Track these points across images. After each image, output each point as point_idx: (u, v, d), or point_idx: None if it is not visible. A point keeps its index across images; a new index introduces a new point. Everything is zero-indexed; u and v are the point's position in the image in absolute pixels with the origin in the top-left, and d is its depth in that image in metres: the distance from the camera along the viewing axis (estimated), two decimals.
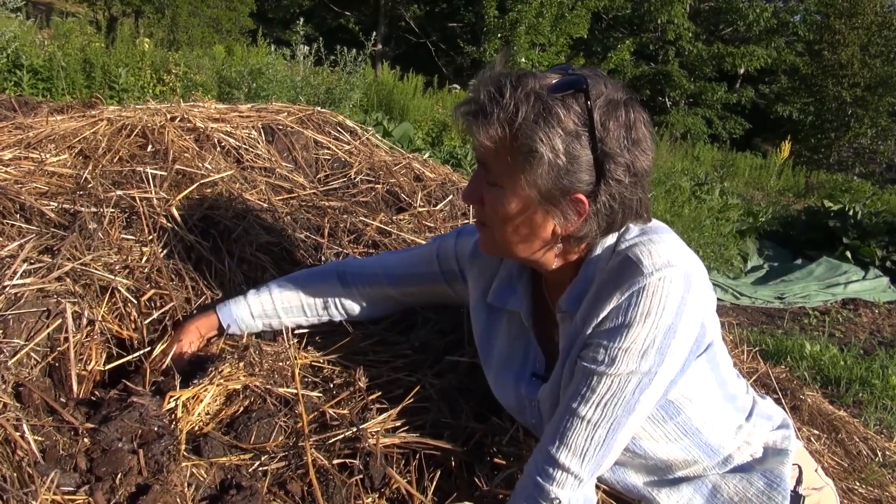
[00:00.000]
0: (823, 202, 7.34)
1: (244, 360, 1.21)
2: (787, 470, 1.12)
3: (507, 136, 0.94)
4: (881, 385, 3.30)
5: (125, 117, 1.78)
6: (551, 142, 0.92)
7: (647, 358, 0.96)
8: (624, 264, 0.97)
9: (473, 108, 0.95)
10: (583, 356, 1.00)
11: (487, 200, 1.02)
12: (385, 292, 1.39)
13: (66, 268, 1.29)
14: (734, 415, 1.13)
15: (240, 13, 15.67)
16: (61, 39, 7.03)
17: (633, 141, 0.96)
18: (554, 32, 15.74)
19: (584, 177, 0.95)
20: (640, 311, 0.94)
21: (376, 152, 2.16)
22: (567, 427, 0.99)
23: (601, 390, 0.97)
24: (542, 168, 0.93)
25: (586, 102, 0.92)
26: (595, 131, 0.93)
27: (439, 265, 1.34)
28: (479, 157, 1.01)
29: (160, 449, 1.03)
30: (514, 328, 1.19)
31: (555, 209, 0.98)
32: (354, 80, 7.47)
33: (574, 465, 0.99)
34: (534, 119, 0.92)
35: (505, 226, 1.02)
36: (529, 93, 0.93)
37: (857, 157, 16.81)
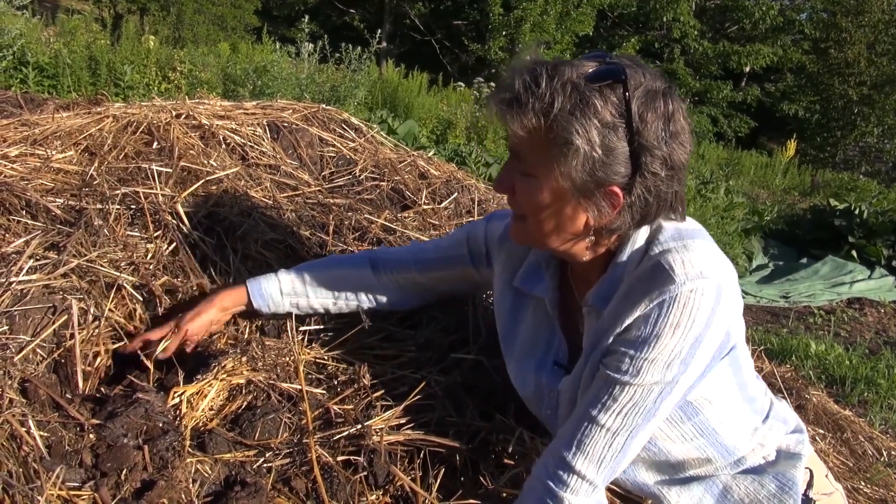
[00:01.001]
0: (829, 201, 7.31)
1: (247, 355, 1.22)
2: (800, 474, 1.12)
3: (542, 127, 0.92)
4: (886, 385, 3.29)
5: (131, 114, 1.78)
6: (587, 134, 0.90)
7: (671, 368, 0.94)
8: (656, 270, 0.95)
9: (508, 96, 0.93)
10: (606, 363, 0.99)
11: (520, 190, 1.00)
12: (413, 278, 1.38)
13: (71, 264, 1.29)
14: (751, 416, 1.12)
15: (245, 10, 15.67)
16: (67, 37, 7.05)
17: (671, 133, 0.94)
18: (559, 30, 15.71)
19: (620, 169, 0.93)
20: (669, 323, 0.92)
21: (381, 150, 2.16)
22: (585, 434, 0.98)
23: (623, 399, 0.96)
24: (577, 160, 0.92)
25: (624, 93, 0.90)
26: (632, 123, 0.91)
27: (468, 248, 1.32)
28: (511, 146, 1.00)
29: (165, 445, 1.03)
30: (539, 315, 1.18)
31: (588, 201, 0.96)
32: (359, 77, 7.47)
33: (590, 472, 0.98)
34: (570, 110, 0.90)
35: (538, 216, 1.00)
36: (566, 83, 0.91)
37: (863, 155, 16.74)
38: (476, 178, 2.39)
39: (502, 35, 15.41)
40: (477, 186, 2.25)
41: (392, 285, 1.39)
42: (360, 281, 1.38)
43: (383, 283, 1.38)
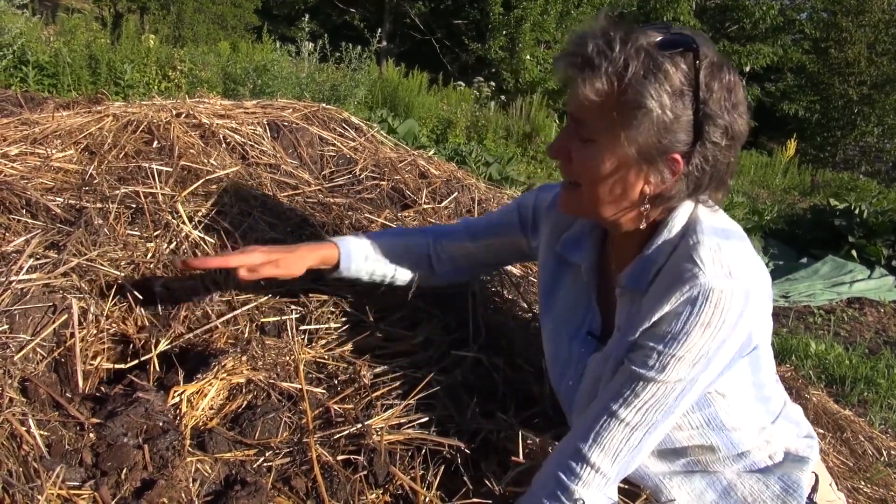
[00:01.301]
0: (829, 201, 7.31)
1: (247, 354, 1.22)
2: (806, 478, 1.12)
3: (614, 90, 0.92)
4: (886, 384, 3.29)
5: (131, 113, 1.78)
6: (660, 98, 0.91)
7: (695, 367, 0.95)
8: (687, 264, 0.95)
9: (580, 60, 0.93)
10: (632, 358, 0.99)
11: (577, 157, 1.00)
12: (466, 248, 1.39)
13: (71, 263, 1.29)
14: (762, 416, 1.13)
15: (245, 10, 15.66)
16: (67, 35, 7.04)
17: (732, 103, 0.95)
18: (559, 29, 15.70)
19: (683, 137, 0.94)
20: (699, 322, 0.93)
21: (381, 149, 2.16)
22: (603, 427, 0.98)
23: (645, 396, 0.97)
24: (648, 124, 0.93)
25: (695, 62, 0.92)
26: (699, 92, 0.92)
27: (519, 215, 1.33)
28: (573, 111, 0.99)
29: (165, 444, 1.03)
30: (578, 285, 1.19)
31: (650, 167, 0.97)
32: (359, 76, 7.47)
33: (605, 466, 0.98)
34: (643, 74, 0.91)
35: (594, 183, 1.00)
36: (639, 48, 0.92)
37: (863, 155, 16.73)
38: (476, 177, 2.39)
39: (502, 34, 15.40)
40: (477, 186, 2.25)
41: (445, 256, 1.40)
42: (421, 252, 1.40)
43: (438, 255, 1.40)
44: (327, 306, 1.46)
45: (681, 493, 1.11)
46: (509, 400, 1.32)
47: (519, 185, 6.19)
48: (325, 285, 1.50)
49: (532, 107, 11.01)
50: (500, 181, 5.87)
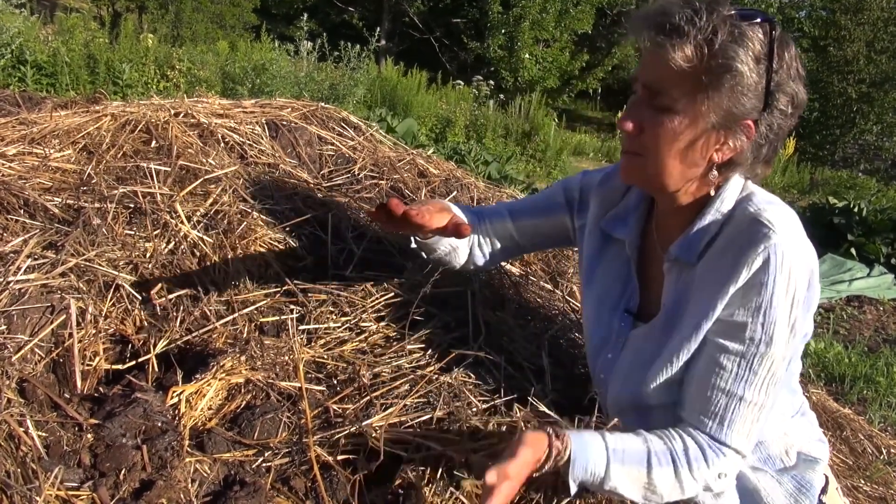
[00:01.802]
0: (828, 199, 7.30)
1: (246, 354, 1.21)
2: (818, 478, 1.14)
3: (704, 56, 0.95)
4: (886, 382, 3.28)
5: (129, 113, 1.77)
6: (747, 61, 0.95)
7: (794, 332, 0.99)
8: (753, 225, 0.99)
9: (668, 27, 0.95)
10: (731, 335, 1.01)
11: (650, 126, 1.01)
12: (506, 227, 1.38)
13: (69, 263, 1.29)
14: (786, 407, 1.16)
15: (243, 9, 15.64)
16: (65, 35, 7.04)
17: (798, 73, 1.00)
18: (558, 28, 15.71)
19: (756, 103, 0.98)
20: (780, 281, 0.96)
21: (380, 148, 2.15)
22: (734, 412, 1.01)
23: (762, 372, 1.00)
24: (734, 86, 0.96)
25: (771, 32, 0.96)
26: (773, 60, 0.96)
27: (564, 196, 1.34)
28: (649, 81, 1.00)
29: (164, 445, 1.03)
30: (620, 261, 1.21)
31: (727, 133, 1.00)
32: (358, 76, 7.47)
33: (744, 447, 1.02)
34: (730, 39, 0.94)
35: (665, 152, 1.02)
36: (725, 18, 0.95)
37: (862, 153, 16.73)
38: (475, 176, 2.39)
39: (501, 33, 15.40)
40: (476, 185, 2.24)
41: (486, 238, 1.39)
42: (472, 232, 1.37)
43: (483, 231, 1.39)
44: (326, 306, 1.46)
45: None
46: (511, 398, 1.32)
47: (518, 183, 6.19)
48: (322, 285, 1.49)
49: (531, 105, 11.01)
50: (500, 180, 5.87)
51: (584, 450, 0.98)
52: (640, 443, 1.01)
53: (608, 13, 18.84)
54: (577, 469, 0.98)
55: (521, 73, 15.35)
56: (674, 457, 1.00)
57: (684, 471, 1.00)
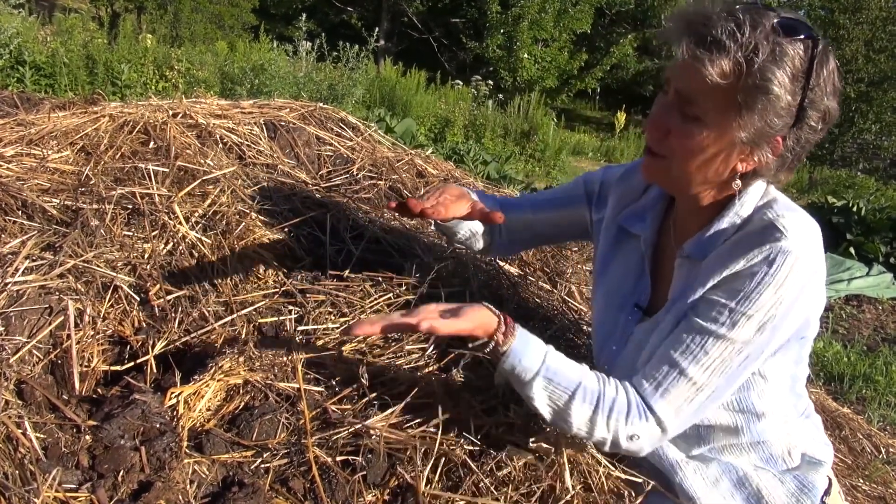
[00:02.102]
0: (827, 198, 7.31)
1: (244, 355, 1.21)
2: (821, 480, 1.14)
3: (741, 74, 0.93)
4: (885, 382, 3.29)
5: (127, 113, 1.77)
6: (784, 82, 0.93)
7: (763, 332, 0.98)
8: (767, 228, 0.98)
9: (708, 40, 0.93)
10: (700, 312, 1.01)
11: (677, 133, 1.01)
12: (527, 219, 1.40)
13: (67, 265, 1.28)
14: (790, 410, 1.15)
15: (242, 9, 15.64)
16: (64, 36, 7.04)
17: (833, 89, 0.98)
18: (557, 28, 15.70)
19: (788, 120, 0.97)
20: (773, 281, 0.96)
21: (379, 148, 2.15)
22: (671, 383, 1.01)
23: (714, 354, 0.99)
24: (767, 107, 0.94)
25: (813, 50, 0.94)
26: (810, 79, 0.94)
27: (584, 189, 1.36)
28: (682, 89, 0.99)
29: (162, 446, 1.03)
30: (634, 256, 1.22)
31: (753, 148, 0.99)
32: (357, 76, 7.46)
33: (668, 420, 1.01)
34: (770, 59, 0.92)
35: (689, 161, 1.02)
36: (768, 33, 0.93)
37: (861, 152, 16.73)
38: (474, 176, 2.39)
39: (500, 33, 15.39)
40: (475, 184, 2.24)
41: (506, 227, 1.41)
42: None
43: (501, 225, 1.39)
44: (325, 307, 1.46)
45: (696, 478, 1.12)
46: (509, 399, 1.32)
47: (517, 183, 6.19)
48: (321, 285, 1.49)
49: (530, 105, 11.01)
50: (499, 180, 5.87)
51: (521, 351, 1.03)
52: (576, 372, 1.04)
53: (607, 13, 18.84)
54: (506, 364, 1.04)
55: (520, 72, 15.35)
56: (599, 399, 1.02)
57: (601, 416, 1.02)
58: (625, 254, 1.25)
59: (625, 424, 1.02)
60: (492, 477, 1.13)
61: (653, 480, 1.13)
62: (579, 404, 1.02)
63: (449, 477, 1.14)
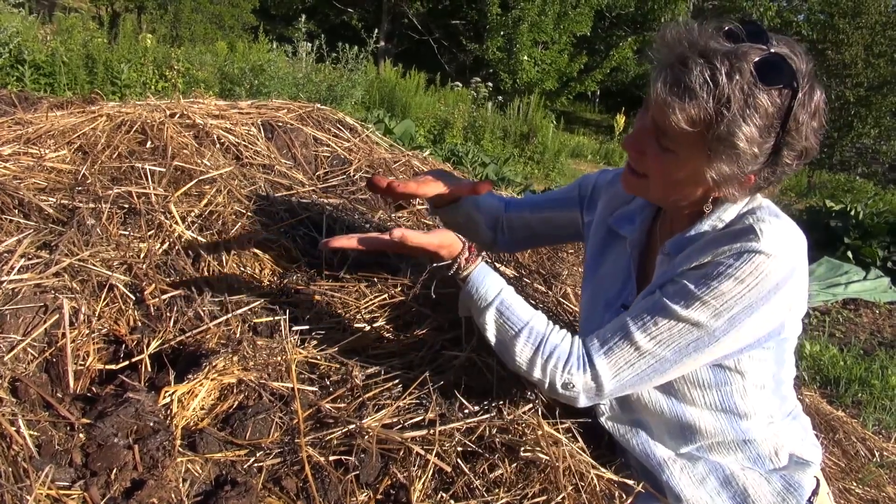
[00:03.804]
0: (825, 202, 7.32)
1: (238, 354, 1.22)
2: (808, 480, 1.15)
3: (710, 123, 0.93)
4: (881, 385, 3.29)
5: (124, 113, 1.78)
6: (752, 135, 0.94)
7: (718, 319, 0.99)
8: (743, 230, 1.00)
9: (682, 86, 0.93)
10: (664, 289, 1.04)
11: (654, 160, 1.03)
12: (525, 218, 1.44)
13: (63, 263, 1.29)
14: (775, 411, 1.16)
15: (242, 9, 15.64)
16: (64, 35, 7.04)
17: (813, 128, 0.98)
18: (557, 30, 15.72)
19: (760, 160, 0.97)
20: (735, 275, 0.97)
21: (376, 149, 2.16)
22: (617, 343, 1.04)
23: (662, 326, 1.02)
24: (733, 158, 0.96)
25: (791, 101, 0.93)
26: (787, 125, 0.95)
27: (579, 191, 1.39)
28: (658, 119, 0.99)
29: (155, 444, 1.03)
30: (623, 258, 1.24)
31: (723, 185, 1.01)
32: (356, 77, 7.47)
33: (605, 377, 1.04)
34: (741, 112, 0.92)
35: (664, 185, 1.05)
36: (743, 85, 0.92)
37: (859, 157, 16.75)
38: (472, 178, 2.39)
39: (500, 35, 15.41)
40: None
41: (507, 225, 1.45)
42: (497, 215, 1.46)
43: (504, 222, 1.46)
44: (320, 306, 1.47)
45: (682, 476, 1.14)
46: (503, 400, 1.32)
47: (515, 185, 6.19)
48: (316, 286, 1.50)
49: (529, 107, 11.02)
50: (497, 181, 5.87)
51: (480, 279, 1.12)
52: (527, 313, 1.10)
53: (607, 15, 18.87)
54: (465, 289, 1.14)
55: (520, 74, 15.36)
56: (541, 342, 1.07)
57: (539, 359, 1.07)
58: (614, 255, 1.27)
59: (561, 371, 1.06)
60: (484, 479, 1.13)
61: (642, 480, 1.14)
62: (523, 342, 1.08)
63: (441, 478, 1.15)
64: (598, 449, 1.25)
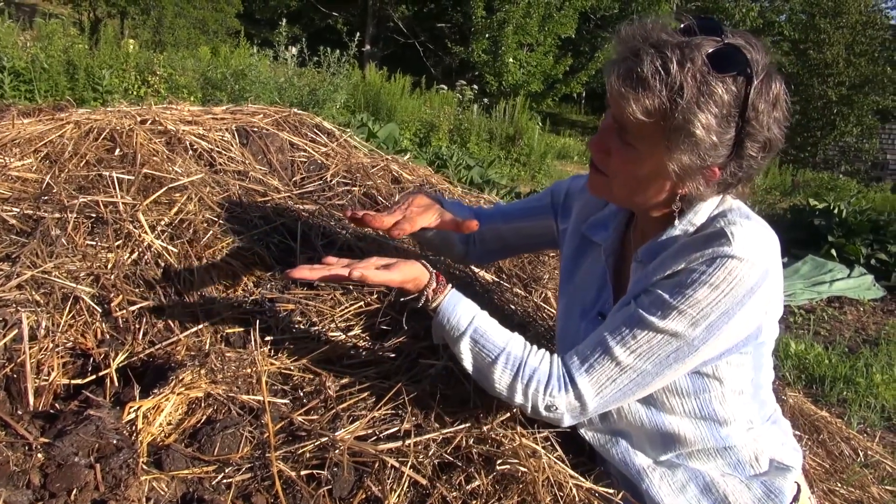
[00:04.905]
0: (809, 200, 7.37)
1: (205, 367, 1.18)
2: (789, 486, 1.13)
3: (665, 113, 0.92)
4: (865, 383, 3.30)
5: (93, 120, 1.74)
6: (708, 123, 0.92)
7: (696, 328, 0.98)
8: (715, 234, 0.98)
9: (634, 77, 0.92)
10: (639, 301, 1.02)
11: (617, 156, 1.02)
12: (497, 229, 1.42)
13: (25, 276, 1.25)
14: (754, 416, 1.15)
15: (226, 14, 15.56)
16: (44, 41, 6.95)
17: (774, 118, 0.97)
18: (542, 32, 15.77)
19: (723, 152, 0.96)
20: (710, 282, 0.96)
21: (354, 154, 2.13)
22: (597, 360, 1.03)
23: (641, 340, 1.00)
24: (692, 147, 0.94)
25: (746, 87, 0.92)
26: (746, 113, 0.93)
27: (551, 199, 1.38)
28: (617, 116, 0.99)
29: (118, 463, 1.00)
30: (598, 266, 1.23)
31: (686, 178, 0.99)
32: (338, 80, 7.44)
33: (587, 395, 1.03)
34: (695, 99, 0.91)
35: (629, 183, 1.04)
36: (696, 72, 0.91)
37: (842, 155, 16.92)
38: (451, 182, 2.37)
39: (485, 37, 15.43)
40: (452, 191, 2.22)
41: (479, 237, 1.43)
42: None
43: (474, 234, 1.42)
44: (294, 316, 1.43)
45: (662, 484, 1.12)
46: (480, 409, 1.30)
47: (501, 188, 6.18)
48: (290, 294, 1.47)
49: (515, 109, 11.03)
50: (482, 184, 5.86)
51: (451, 309, 1.10)
52: (503, 339, 1.08)
53: (592, 17, 18.96)
54: (437, 320, 1.11)
55: (506, 77, 15.38)
56: (520, 367, 1.06)
57: (520, 384, 1.05)
58: (588, 263, 1.25)
59: (543, 394, 1.05)
60: (460, 491, 1.11)
61: (622, 489, 1.12)
62: (501, 368, 1.06)
63: (417, 490, 1.12)
64: (577, 457, 1.23)
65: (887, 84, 16.21)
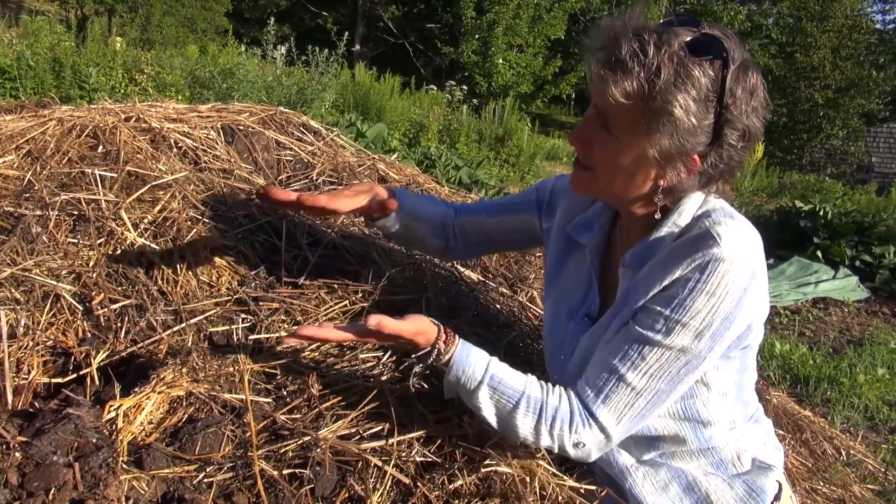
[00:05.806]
0: (795, 202, 7.42)
1: (187, 366, 1.18)
2: (770, 485, 1.14)
3: (644, 95, 0.93)
4: (849, 383, 3.33)
5: (77, 117, 1.72)
6: (687, 105, 0.93)
7: (701, 339, 0.98)
8: (701, 236, 0.98)
9: (613, 59, 0.94)
10: (638, 320, 1.02)
11: (599, 147, 1.02)
12: (480, 223, 1.41)
13: (5, 273, 1.24)
14: (737, 416, 1.16)
15: (215, 13, 15.48)
16: (30, 38, 6.88)
17: (753, 107, 0.97)
18: (531, 33, 15.81)
19: (703, 139, 0.97)
20: (705, 290, 0.96)
21: (340, 153, 2.12)
22: (612, 389, 1.02)
23: (651, 360, 1.00)
24: (671, 129, 0.94)
25: (723, 70, 0.93)
26: (723, 98, 0.94)
27: (537, 196, 1.37)
28: (597, 104, 1.00)
29: (97, 462, 0.99)
30: (583, 266, 1.22)
31: (667, 166, 0.99)
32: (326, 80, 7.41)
33: (610, 426, 1.02)
34: (673, 81, 0.92)
35: (612, 174, 1.03)
36: (672, 54, 0.92)
37: (828, 157, 17.08)
38: (438, 181, 2.37)
39: (475, 38, 15.45)
40: (438, 190, 2.22)
41: (460, 231, 1.42)
42: (446, 222, 1.42)
43: (455, 228, 1.42)
44: (278, 315, 1.43)
45: (645, 483, 1.13)
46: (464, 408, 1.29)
47: (489, 188, 6.18)
48: (275, 293, 1.46)
49: (504, 110, 11.04)
50: (471, 185, 5.86)
51: (464, 360, 1.06)
52: (520, 381, 1.06)
53: (581, 19, 19.02)
54: (451, 374, 1.07)
55: (495, 78, 15.41)
56: (542, 409, 1.04)
57: (545, 426, 1.03)
58: (574, 263, 1.25)
59: (569, 433, 1.03)
60: (443, 490, 1.11)
61: (605, 488, 1.12)
62: (523, 413, 1.04)
63: (400, 489, 1.12)
64: (560, 455, 1.23)
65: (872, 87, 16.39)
